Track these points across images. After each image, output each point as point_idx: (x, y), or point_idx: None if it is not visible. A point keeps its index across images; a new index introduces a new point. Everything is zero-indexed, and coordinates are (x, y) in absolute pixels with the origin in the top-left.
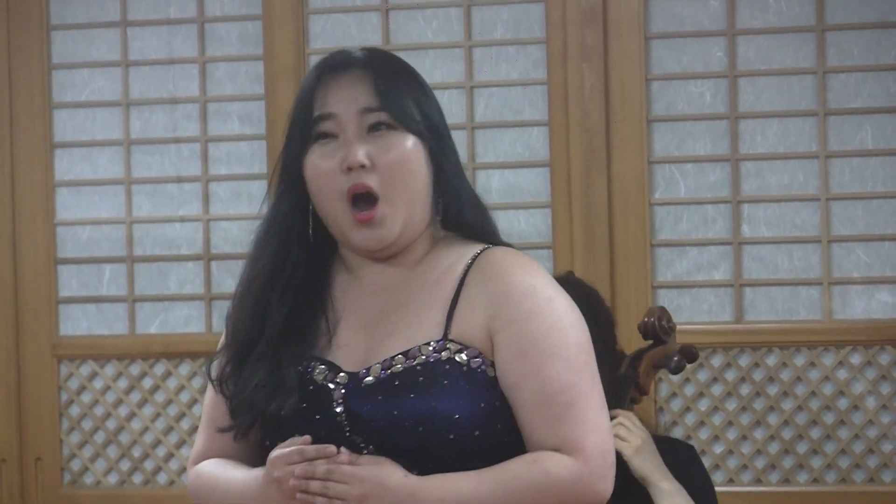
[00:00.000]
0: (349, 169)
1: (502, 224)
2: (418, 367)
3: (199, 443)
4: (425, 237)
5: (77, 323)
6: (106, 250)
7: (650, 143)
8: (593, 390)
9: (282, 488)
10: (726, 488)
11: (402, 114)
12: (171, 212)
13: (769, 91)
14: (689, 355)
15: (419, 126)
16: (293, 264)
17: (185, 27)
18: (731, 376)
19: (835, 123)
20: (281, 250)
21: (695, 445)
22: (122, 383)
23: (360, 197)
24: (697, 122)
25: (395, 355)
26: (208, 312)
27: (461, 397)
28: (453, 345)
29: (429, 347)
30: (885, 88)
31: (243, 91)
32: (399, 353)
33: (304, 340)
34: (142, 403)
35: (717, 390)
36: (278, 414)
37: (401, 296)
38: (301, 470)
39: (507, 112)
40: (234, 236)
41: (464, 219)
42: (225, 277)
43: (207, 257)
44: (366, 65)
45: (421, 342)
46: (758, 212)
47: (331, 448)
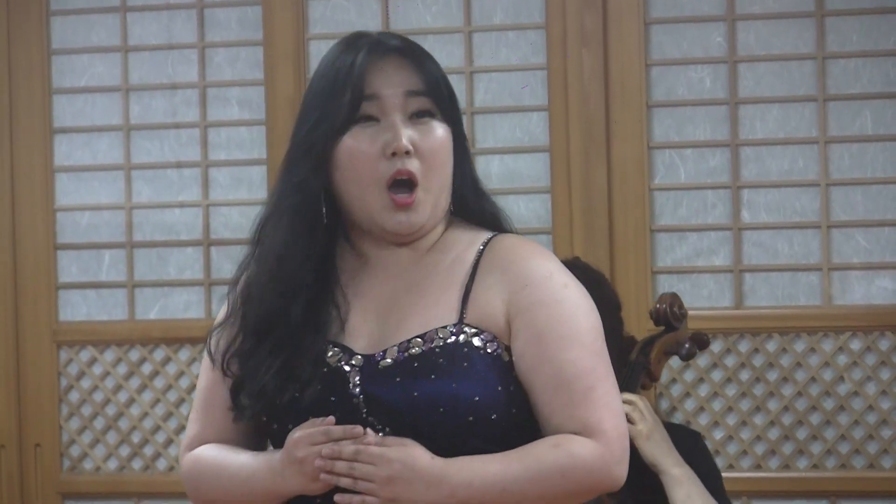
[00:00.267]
0: (393, 154)
1: None
2: (437, 350)
3: (193, 427)
4: (440, 226)
5: (76, 309)
6: (105, 236)
7: (650, 129)
8: (609, 375)
9: (304, 469)
10: (726, 474)
11: (443, 100)
12: (171, 197)
13: (769, 76)
14: (700, 342)
15: (452, 114)
16: (322, 246)
17: (185, 12)
18: (730, 362)
19: (834, 109)
20: (309, 233)
21: (699, 432)
22: (122, 369)
23: (400, 182)
24: (697, 107)
25: (411, 338)
26: (208, 298)
27: (480, 380)
28: (469, 328)
29: (446, 330)
30: (884, 74)
31: (243, 76)
32: (416, 336)
33: (320, 324)
34: (141, 389)
35: (716, 376)
36: (294, 398)
37: (412, 280)
38: (329, 450)
39: (507, 97)
40: (233, 222)
41: (472, 205)
42: (224, 263)
43: (207, 243)
44: (404, 50)
45: (436, 326)
46: (757, 197)
47: (358, 429)
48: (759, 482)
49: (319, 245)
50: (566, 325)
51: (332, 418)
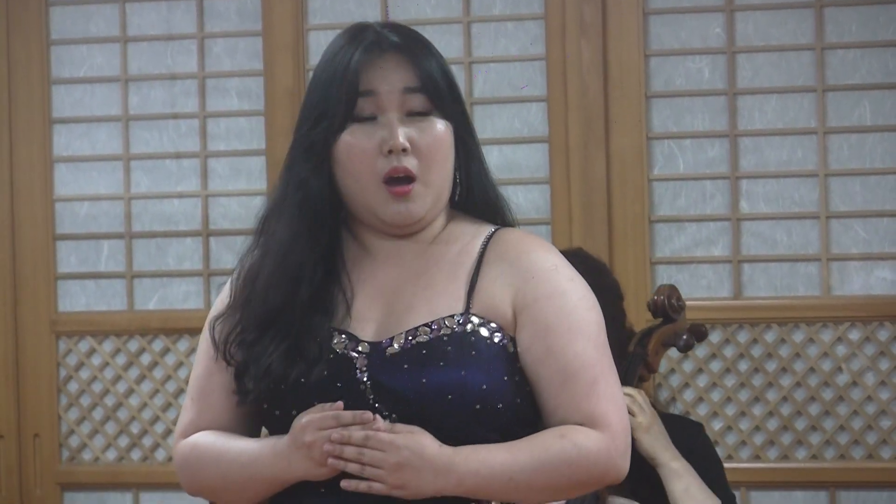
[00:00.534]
0: (390, 152)
1: None
2: (445, 338)
3: (188, 414)
4: (441, 218)
5: (75, 299)
6: (104, 226)
7: (649, 119)
8: (612, 368)
9: (311, 454)
10: (725, 464)
11: (440, 97)
12: (170, 188)
13: (767, 67)
14: (698, 334)
15: (453, 109)
16: (326, 240)
17: (184, 3)
18: (729, 352)
19: (833, 99)
20: (313, 228)
21: (701, 423)
22: (121, 359)
23: (396, 177)
24: (696, 97)
25: (418, 326)
26: (207, 288)
27: (487, 369)
28: (476, 318)
29: (453, 319)
30: (883, 64)
31: (242, 67)
32: (423, 325)
33: (325, 312)
34: (140, 379)
35: (715, 366)
36: (299, 382)
37: (418, 270)
38: (338, 435)
39: (506, 88)
40: (232, 212)
41: (478, 196)
42: (223, 253)
43: (206, 233)
44: (403, 46)
45: (443, 314)
46: (756, 188)
47: (367, 414)
48: (758, 473)
49: (324, 238)
50: (572, 318)
51: (340, 403)
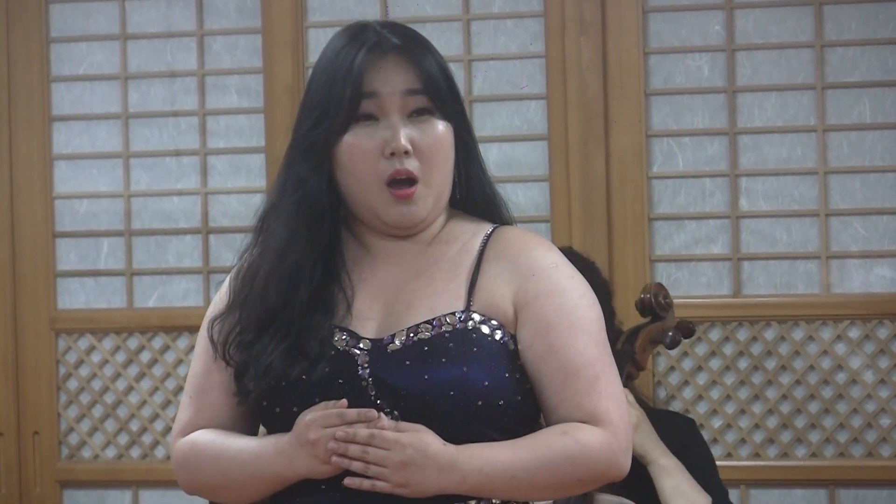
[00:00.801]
0: (392, 154)
1: None
2: (446, 335)
3: (185, 412)
4: (440, 218)
5: (75, 296)
6: (104, 224)
7: (648, 117)
8: (613, 365)
9: (315, 452)
10: (724, 462)
11: (441, 98)
12: (170, 185)
13: (767, 65)
14: (685, 331)
15: (453, 109)
16: (325, 239)
17: (183, 0)
18: (729, 350)
19: (833, 97)
20: (312, 228)
21: (692, 418)
22: (120, 357)
23: (400, 179)
24: (695, 95)
25: (419, 323)
26: (206, 286)
27: (489, 366)
28: (477, 315)
29: (454, 317)
30: (883, 62)
31: (241, 64)
32: (424, 322)
33: (325, 310)
34: (140, 377)
35: (715, 364)
36: (300, 380)
37: (418, 268)
38: (343, 433)
39: (505, 85)
40: (232, 210)
41: (476, 196)
42: (223, 251)
43: (206, 231)
44: (404, 47)
45: (444, 312)
46: (756, 185)
47: (372, 412)
48: (758, 470)
49: (323, 237)
50: (573, 316)
51: (344, 401)
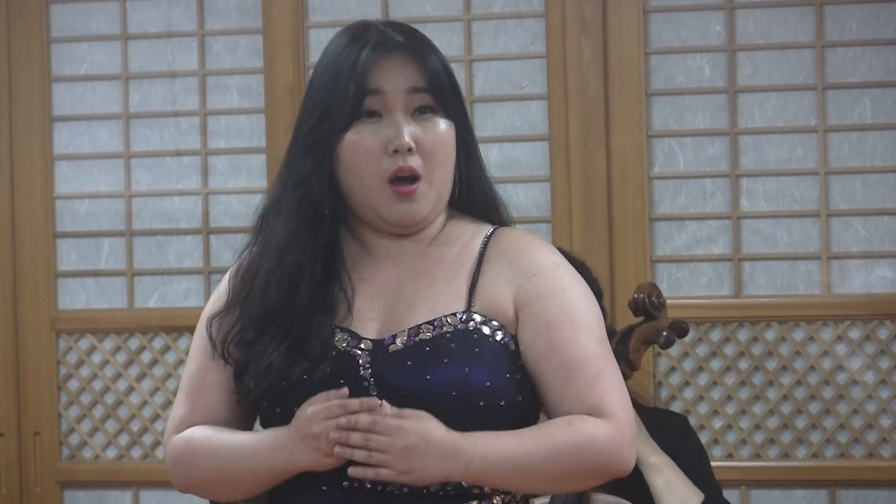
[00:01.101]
0: (395, 151)
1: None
2: (448, 336)
3: (180, 409)
4: (440, 218)
5: (76, 297)
6: (105, 224)
7: (649, 117)
8: (614, 362)
9: (318, 444)
10: (725, 463)
11: (445, 97)
12: (170, 185)
13: (768, 65)
14: (679, 330)
15: (455, 109)
16: (326, 238)
17: (184, 0)
18: (729, 351)
19: (833, 97)
20: (313, 226)
21: (693, 419)
22: (121, 357)
23: (402, 177)
24: (696, 95)
25: (420, 324)
26: (207, 286)
27: (491, 366)
28: (478, 316)
29: (455, 317)
30: (883, 62)
31: (242, 64)
32: (425, 322)
33: (326, 310)
34: (140, 377)
35: (715, 365)
36: (302, 380)
37: (418, 269)
38: (345, 421)
39: (506, 86)
40: (233, 210)
41: (476, 195)
42: (224, 251)
43: (206, 231)
44: (408, 45)
45: (445, 312)
46: (756, 186)
47: (374, 401)
48: (759, 471)
49: (323, 236)
50: (574, 314)
51: (345, 390)
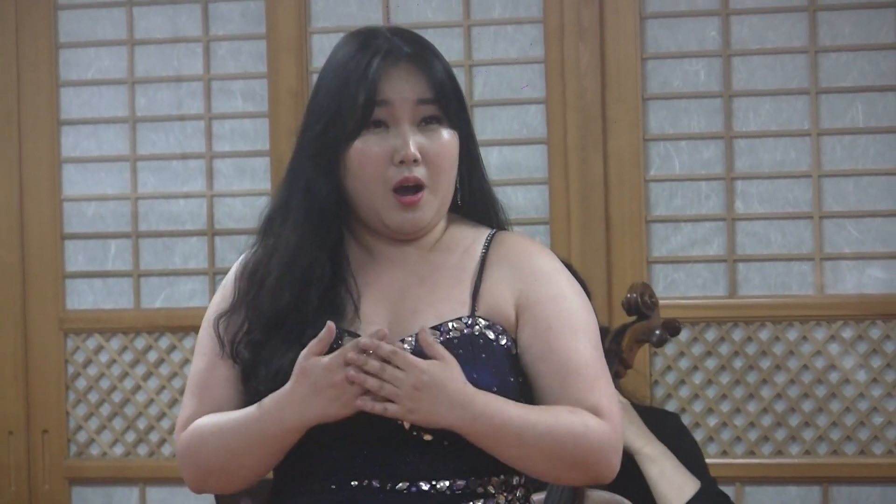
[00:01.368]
0: (401, 162)
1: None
2: (455, 341)
3: (188, 408)
4: (441, 223)
5: (83, 297)
6: (112, 226)
7: (645, 121)
8: (606, 367)
9: (339, 392)
10: (720, 460)
11: (450, 107)
12: (176, 188)
13: (762, 70)
14: (671, 329)
15: (459, 118)
16: (332, 243)
17: (189, 6)
18: (724, 350)
19: (826, 101)
20: (319, 230)
21: (688, 418)
22: (128, 356)
23: (406, 186)
24: (692, 99)
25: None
26: (212, 287)
27: (497, 370)
28: (482, 320)
29: (460, 322)
30: (875, 67)
31: (246, 69)
32: (430, 328)
33: (333, 313)
34: (147, 376)
35: (710, 364)
36: None
37: (421, 274)
38: (377, 365)
39: (506, 90)
40: (237, 212)
41: (477, 201)
42: (228, 252)
43: (211, 232)
44: (416, 56)
45: (450, 317)
46: (751, 188)
47: (383, 331)
48: (753, 468)
49: (331, 240)
50: (573, 319)
51: (331, 324)
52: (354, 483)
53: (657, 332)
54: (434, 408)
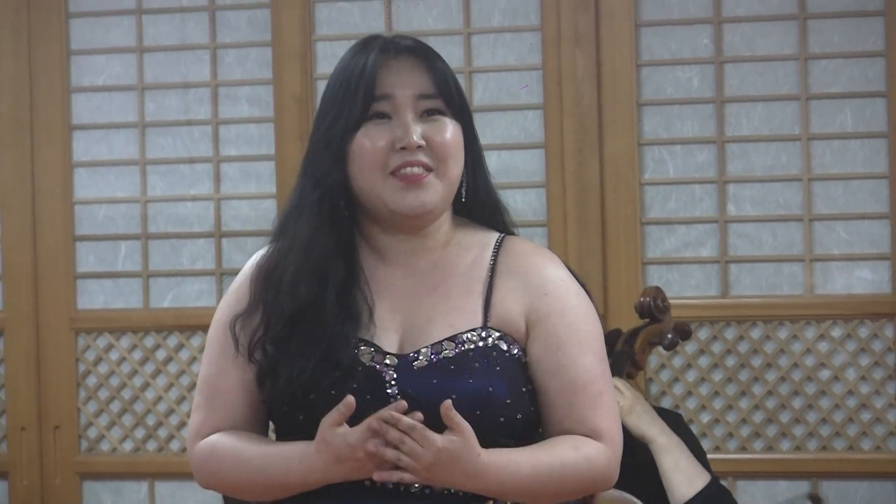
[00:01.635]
0: (403, 149)
1: None
2: (470, 353)
3: (200, 415)
4: (447, 220)
5: (94, 297)
6: (121, 228)
7: (640, 126)
8: (611, 379)
9: (361, 465)
10: (713, 455)
11: (453, 101)
12: (184, 191)
13: (753, 76)
14: (682, 332)
15: (462, 115)
16: (345, 238)
17: (197, 14)
18: (717, 349)
19: (816, 107)
20: (332, 225)
21: (682, 414)
22: (137, 355)
23: (410, 168)
24: (685, 105)
25: (441, 340)
26: (219, 287)
27: (510, 382)
28: (494, 332)
29: (474, 334)
30: (863, 73)
31: (252, 76)
32: (445, 339)
33: (350, 316)
34: (155, 374)
35: (703, 362)
36: (329, 394)
37: (433, 281)
38: (396, 435)
39: (505, 96)
40: (243, 214)
41: (483, 201)
42: (235, 254)
43: (218, 234)
44: (418, 52)
45: (463, 329)
46: (743, 191)
47: (402, 404)
48: (744, 463)
49: (343, 236)
50: (580, 334)
51: (351, 398)
52: (368, 483)
53: (669, 335)
54: (448, 479)
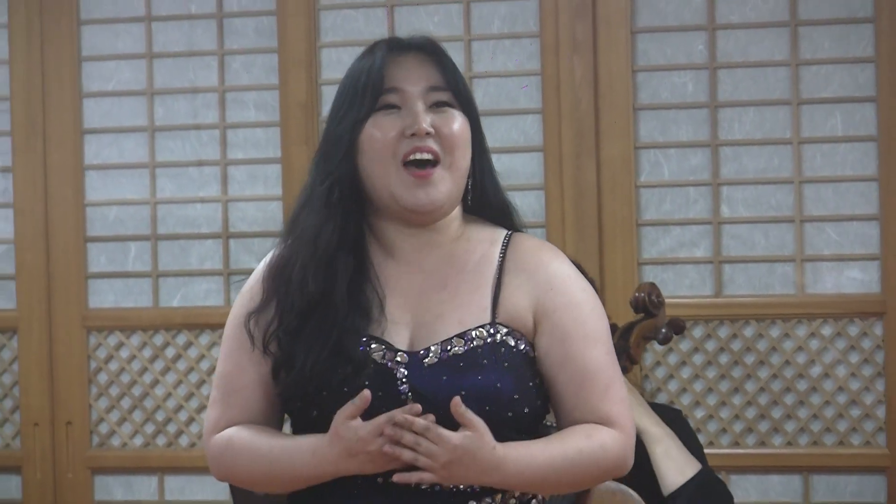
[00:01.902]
0: (412, 136)
1: None
2: (479, 350)
3: (216, 411)
4: (457, 217)
5: (105, 296)
6: (132, 229)
7: (636, 130)
8: (619, 369)
9: (372, 458)
10: (706, 450)
11: (462, 95)
12: (192, 193)
13: (746, 81)
14: (676, 327)
15: (469, 110)
16: (354, 231)
17: (205, 21)
18: (711, 346)
19: (807, 112)
20: (341, 216)
21: (679, 409)
22: (147, 353)
23: (418, 161)
24: (680, 110)
25: (450, 337)
26: (227, 287)
27: (518, 378)
28: (503, 328)
29: (482, 330)
30: (853, 79)
31: (259, 81)
32: (455, 336)
33: (359, 310)
34: (165, 371)
35: (698, 359)
36: (342, 391)
37: (442, 276)
38: (403, 418)
39: (504, 101)
40: (250, 216)
41: (490, 197)
42: (242, 254)
43: (226, 235)
44: (426, 48)
45: (472, 325)
46: (736, 193)
47: (416, 407)
48: (737, 458)
49: (350, 227)
50: (587, 327)
51: (367, 392)
52: (380, 480)
53: (663, 330)
54: (467, 475)
